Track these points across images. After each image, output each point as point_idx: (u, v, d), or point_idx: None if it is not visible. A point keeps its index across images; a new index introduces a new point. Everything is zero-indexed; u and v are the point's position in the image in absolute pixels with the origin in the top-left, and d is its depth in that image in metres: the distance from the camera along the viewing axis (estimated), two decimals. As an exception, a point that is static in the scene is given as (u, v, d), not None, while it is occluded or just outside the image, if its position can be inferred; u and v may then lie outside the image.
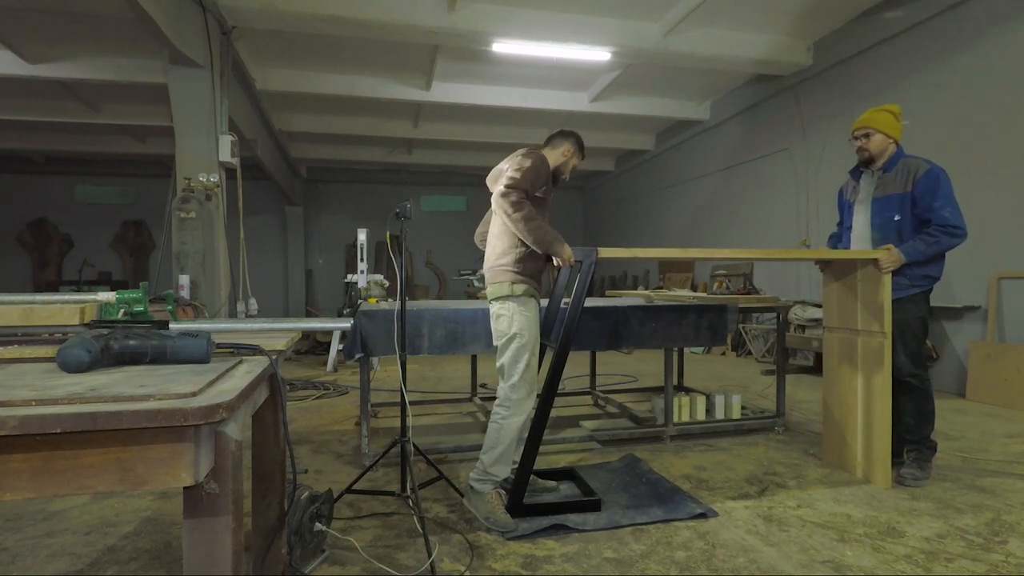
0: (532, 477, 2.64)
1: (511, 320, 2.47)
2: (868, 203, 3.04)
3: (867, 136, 3.02)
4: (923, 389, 2.90)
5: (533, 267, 2.53)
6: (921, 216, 2.84)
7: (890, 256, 2.76)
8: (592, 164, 12.81)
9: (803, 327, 6.08)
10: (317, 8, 5.37)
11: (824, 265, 3.15)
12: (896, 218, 2.90)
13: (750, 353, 7.59)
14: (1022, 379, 4.49)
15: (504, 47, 6.19)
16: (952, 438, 3.71)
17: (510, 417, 2.45)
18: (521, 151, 2.60)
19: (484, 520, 2.37)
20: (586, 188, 15.03)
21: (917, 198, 2.84)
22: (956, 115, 5.27)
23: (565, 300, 2.78)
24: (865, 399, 2.92)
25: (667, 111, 8.94)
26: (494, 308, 2.54)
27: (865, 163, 3.10)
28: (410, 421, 2.57)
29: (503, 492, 2.49)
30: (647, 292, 4.59)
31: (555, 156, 2.68)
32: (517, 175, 2.43)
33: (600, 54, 6.44)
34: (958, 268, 5.25)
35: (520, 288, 2.48)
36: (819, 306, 5.87)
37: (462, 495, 2.71)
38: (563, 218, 14.35)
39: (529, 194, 2.44)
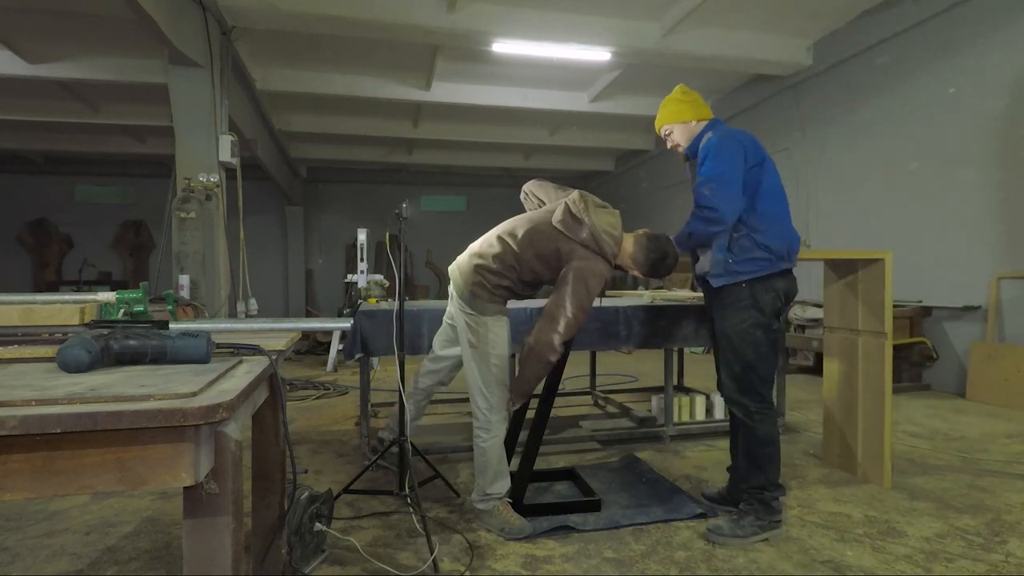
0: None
1: (485, 337, 2.39)
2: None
3: (668, 135, 2.58)
4: (752, 426, 2.32)
5: (506, 289, 2.41)
6: None
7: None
8: (592, 164, 12.81)
9: (803, 327, 6.08)
10: (317, 8, 5.37)
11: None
12: None
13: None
14: (1022, 379, 4.49)
15: (504, 47, 6.18)
16: (952, 438, 3.71)
17: (490, 439, 2.40)
18: (592, 255, 2.28)
19: (500, 533, 2.33)
20: (586, 188, 15.02)
21: None
22: (956, 115, 5.27)
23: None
24: (865, 399, 2.92)
25: (667, 111, 8.93)
26: (466, 319, 2.41)
27: (688, 158, 2.59)
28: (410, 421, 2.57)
29: (509, 500, 2.45)
30: (647, 292, 4.59)
31: (617, 256, 2.35)
32: (578, 314, 2.21)
33: (600, 54, 6.44)
34: (958, 268, 5.26)
35: (494, 308, 2.39)
36: (819, 306, 5.87)
37: (458, 495, 2.72)
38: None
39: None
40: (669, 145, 2.61)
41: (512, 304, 2.65)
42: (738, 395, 2.36)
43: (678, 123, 2.53)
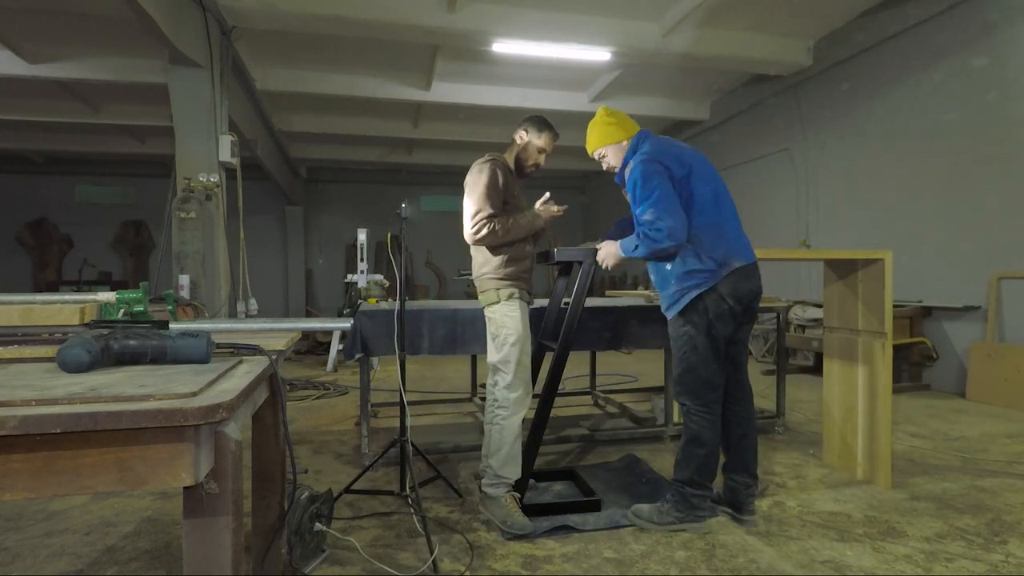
0: None
1: (500, 322, 2.49)
2: None
3: (603, 157, 2.60)
4: (688, 424, 2.40)
5: (516, 270, 2.53)
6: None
7: (605, 249, 2.50)
8: (592, 164, 12.78)
9: (803, 327, 6.08)
10: (317, 8, 5.37)
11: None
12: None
13: (750, 353, 7.59)
14: (1022, 379, 4.49)
15: (504, 47, 6.19)
16: (952, 438, 3.71)
17: (510, 417, 2.45)
18: (477, 164, 2.58)
19: (501, 524, 2.34)
20: (586, 188, 15.02)
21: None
22: (956, 114, 5.27)
23: (565, 300, 2.79)
24: (865, 399, 2.92)
25: (667, 111, 8.93)
26: (486, 313, 2.57)
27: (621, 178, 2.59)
28: (410, 421, 2.57)
29: (517, 495, 2.46)
30: (647, 292, 4.59)
31: (514, 151, 2.66)
32: (480, 208, 2.45)
33: (600, 54, 6.44)
34: (958, 268, 5.26)
35: (506, 292, 2.50)
36: (819, 306, 5.87)
37: (460, 495, 2.71)
38: (563, 217, 14.31)
39: (498, 211, 2.46)
40: (605, 167, 2.63)
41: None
42: (679, 394, 2.44)
43: (609, 145, 2.55)
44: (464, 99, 8.19)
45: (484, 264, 2.55)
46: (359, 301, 3.57)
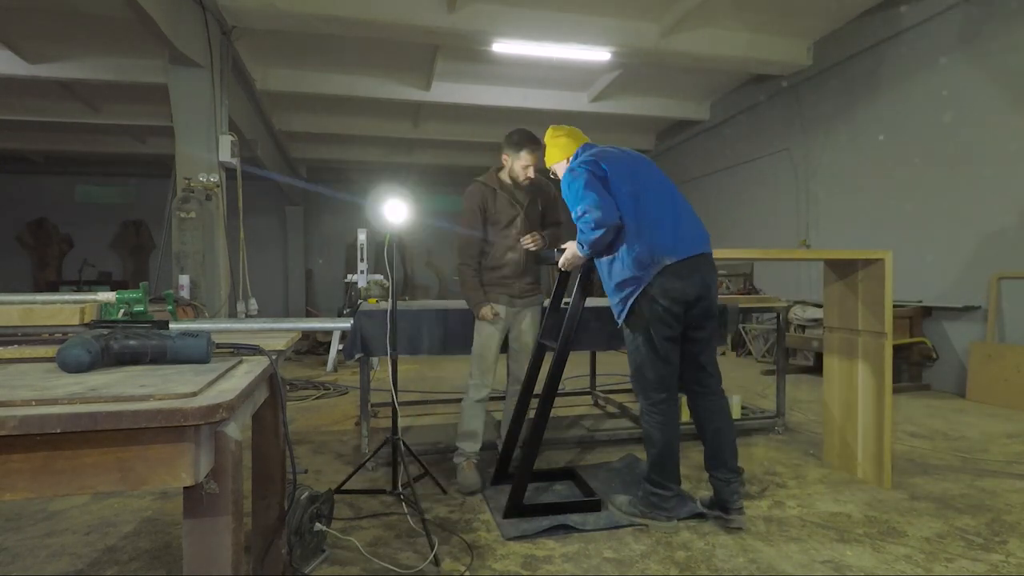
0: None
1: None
2: None
3: (555, 175, 2.70)
4: (642, 425, 2.44)
5: (493, 276, 2.95)
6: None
7: (568, 251, 2.52)
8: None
9: (803, 327, 6.08)
10: (317, 8, 5.37)
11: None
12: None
13: (750, 353, 7.59)
14: (1022, 379, 4.49)
15: (504, 47, 6.18)
16: (952, 438, 3.71)
17: (465, 400, 3.00)
18: (466, 190, 3.02)
19: (457, 487, 2.81)
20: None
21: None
22: (956, 115, 5.27)
23: (565, 300, 2.79)
24: (865, 399, 2.92)
25: (667, 111, 8.93)
26: None
27: None
28: (408, 421, 2.58)
29: (475, 461, 2.91)
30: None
31: (505, 169, 2.96)
32: (460, 249, 2.94)
33: (600, 54, 6.43)
34: (958, 268, 5.26)
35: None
36: (819, 306, 5.87)
37: (446, 492, 2.76)
38: (563, 217, 14.32)
39: (471, 250, 2.92)
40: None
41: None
42: (636, 394, 2.51)
43: (556, 164, 2.67)
44: (464, 99, 8.18)
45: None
46: (359, 301, 3.57)
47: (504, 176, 2.97)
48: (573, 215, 2.39)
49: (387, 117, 9.66)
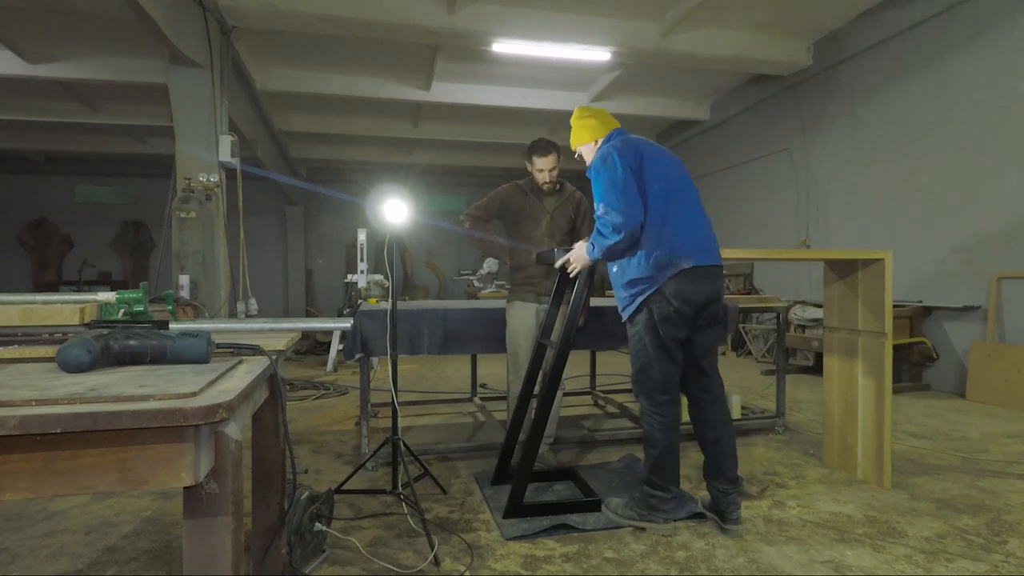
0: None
1: (507, 320, 3.15)
2: None
3: (581, 157, 2.67)
4: (643, 426, 2.41)
5: (521, 276, 3.13)
6: None
7: (575, 252, 2.49)
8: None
9: (803, 327, 6.08)
10: (317, 8, 5.37)
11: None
12: None
13: (750, 353, 7.59)
14: (1022, 379, 4.49)
15: (504, 47, 6.18)
16: (952, 438, 3.71)
17: (508, 393, 3.12)
18: None
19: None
20: (587, 188, 15.03)
21: None
22: (956, 115, 5.27)
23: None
24: (865, 399, 2.92)
25: (667, 111, 8.93)
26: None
27: None
28: (408, 421, 2.57)
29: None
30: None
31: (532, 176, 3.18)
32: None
33: (600, 54, 6.44)
34: (958, 268, 5.26)
35: (510, 298, 3.16)
36: (819, 306, 5.87)
37: (446, 492, 2.75)
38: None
39: (483, 216, 3.14)
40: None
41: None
42: (636, 394, 2.44)
43: (583, 146, 2.60)
44: (464, 99, 8.19)
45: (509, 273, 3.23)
46: (359, 301, 3.57)
47: (534, 182, 3.18)
48: (595, 209, 2.34)
49: (387, 117, 9.67)
